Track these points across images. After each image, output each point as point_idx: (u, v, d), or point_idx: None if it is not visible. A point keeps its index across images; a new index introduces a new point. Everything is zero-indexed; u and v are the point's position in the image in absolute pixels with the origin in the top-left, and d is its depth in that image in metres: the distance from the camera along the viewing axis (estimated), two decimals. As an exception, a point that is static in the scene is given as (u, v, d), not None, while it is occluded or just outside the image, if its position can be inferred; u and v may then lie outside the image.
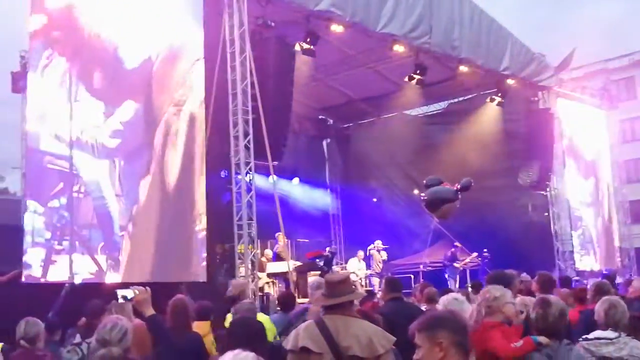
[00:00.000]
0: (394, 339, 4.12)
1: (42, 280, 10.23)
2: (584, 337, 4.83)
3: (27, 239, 10.20)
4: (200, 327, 6.64)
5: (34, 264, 10.19)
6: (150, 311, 5.16)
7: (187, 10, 12.53)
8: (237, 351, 2.71)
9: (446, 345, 2.68)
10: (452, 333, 2.71)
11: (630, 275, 19.58)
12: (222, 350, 4.53)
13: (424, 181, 14.32)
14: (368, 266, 18.58)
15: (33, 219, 10.30)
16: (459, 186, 11.59)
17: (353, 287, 4.45)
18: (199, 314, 7.13)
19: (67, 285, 10.29)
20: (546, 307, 4.50)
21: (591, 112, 22.50)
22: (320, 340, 4.04)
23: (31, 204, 10.35)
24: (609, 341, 4.76)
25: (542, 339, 4.35)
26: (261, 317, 7.03)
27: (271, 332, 6.77)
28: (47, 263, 10.29)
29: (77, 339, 6.00)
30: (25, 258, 10.14)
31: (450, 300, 5.70)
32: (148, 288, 5.35)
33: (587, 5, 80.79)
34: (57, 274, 10.35)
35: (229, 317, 6.68)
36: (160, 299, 6.10)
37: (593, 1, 79.89)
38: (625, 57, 37.81)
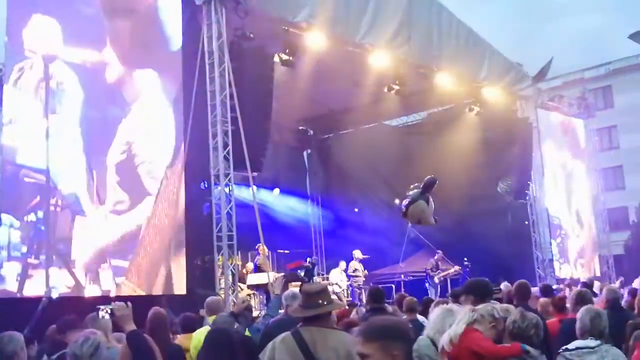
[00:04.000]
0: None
1: (18, 295, 10.11)
2: (564, 347, 4.81)
3: (3, 253, 10.09)
4: (186, 339, 6.62)
5: (10, 278, 10.07)
6: (131, 327, 5.09)
7: (165, 21, 12.50)
8: None
9: (401, 358, 2.57)
10: (405, 344, 2.62)
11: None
12: None
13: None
14: (350, 278, 18.52)
15: (9, 233, 10.19)
16: (421, 186, 11.41)
17: (331, 297, 4.41)
18: (183, 327, 7.09)
19: (44, 299, 10.15)
20: (525, 313, 4.52)
21: (569, 121, 22.71)
22: (297, 353, 3.97)
23: (7, 218, 10.23)
24: (591, 350, 4.76)
25: (531, 349, 4.35)
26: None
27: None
28: (23, 277, 10.18)
29: (45, 357, 5.88)
30: (1, 272, 10.01)
31: (444, 312, 5.66)
32: (129, 303, 5.27)
33: (564, 16, 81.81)
34: (34, 288, 10.23)
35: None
36: (140, 312, 6.03)
37: (569, 12, 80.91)
38: (601, 67, 38.28)
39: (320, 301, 4.24)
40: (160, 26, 12.42)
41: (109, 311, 5.23)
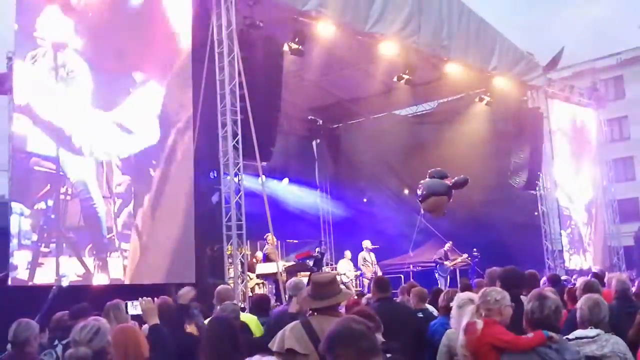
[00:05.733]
0: (381, 339, 4.08)
1: (29, 283, 10.17)
2: (564, 337, 4.82)
3: (14, 241, 10.13)
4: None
5: (21, 266, 10.13)
6: (154, 321, 5.17)
7: (174, 10, 12.48)
8: (257, 357, 2.73)
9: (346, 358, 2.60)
10: (349, 347, 2.63)
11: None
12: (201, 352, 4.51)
13: (429, 171, 14.05)
14: (358, 267, 18.54)
15: (19, 222, 10.24)
16: (452, 182, 11.40)
17: (340, 287, 4.40)
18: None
19: (54, 287, 10.22)
20: (542, 299, 4.49)
21: (580, 112, 22.58)
22: (306, 341, 3.99)
23: (17, 206, 10.28)
24: (590, 339, 4.76)
25: (553, 334, 4.33)
26: (248, 318, 6.99)
27: (259, 333, 6.73)
28: (33, 266, 10.23)
29: (56, 342, 5.95)
30: (11, 261, 10.07)
31: (465, 300, 5.65)
32: (156, 299, 5.38)
33: (575, 5, 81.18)
34: (44, 276, 10.29)
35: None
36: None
37: (581, 2, 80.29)
38: (613, 57, 37.97)
39: (330, 292, 4.24)
40: (170, 14, 12.39)
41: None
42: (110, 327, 4.89)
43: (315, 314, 4.26)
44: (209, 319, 5.74)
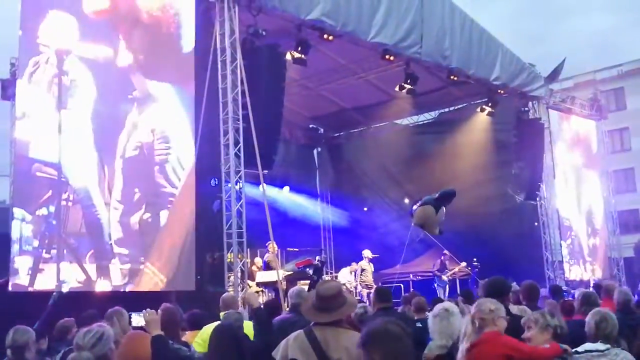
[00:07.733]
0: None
1: (30, 289, 10.15)
2: (573, 350, 4.81)
3: (15, 247, 10.13)
4: (193, 336, 6.62)
5: (22, 272, 10.12)
6: (157, 331, 5.19)
7: (178, 17, 12.52)
8: None
9: (381, 357, 2.76)
10: (383, 347, 2.78)
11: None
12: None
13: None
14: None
15: (21, 227, 10.23)
16: (437, 194, 11.35)
17: (346, 298, 4.34)
18: (191, 323, 7.08)
19: (55, 293, 10.19)
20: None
21: (581, 123, 22.60)
22: (309, 351, 3.98)
23: (19, 212, 10.27)
24: (601, 353, 4.74)
25: (567, 347, 4.34)
26: (245, 324, 6.97)
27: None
28: (34, 271, 10.21)
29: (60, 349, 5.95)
30: (12, 266, 10.06)
31: (440, 311, 5.67)
32: (160, 311, 5.40)
33: (577, 17, 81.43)
34: (45, 282, 10.27)
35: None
36: (150, 308, 6.05)
37: (582, 13, 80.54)
38: (614, 68, 38.04)
39: (335, 304, 4.20)
40: (174, 23, 12.44)
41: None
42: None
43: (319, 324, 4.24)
44: (213, 327, 5.74)
